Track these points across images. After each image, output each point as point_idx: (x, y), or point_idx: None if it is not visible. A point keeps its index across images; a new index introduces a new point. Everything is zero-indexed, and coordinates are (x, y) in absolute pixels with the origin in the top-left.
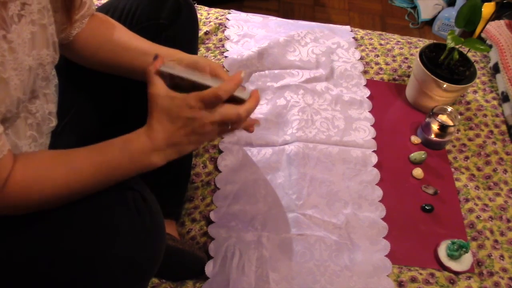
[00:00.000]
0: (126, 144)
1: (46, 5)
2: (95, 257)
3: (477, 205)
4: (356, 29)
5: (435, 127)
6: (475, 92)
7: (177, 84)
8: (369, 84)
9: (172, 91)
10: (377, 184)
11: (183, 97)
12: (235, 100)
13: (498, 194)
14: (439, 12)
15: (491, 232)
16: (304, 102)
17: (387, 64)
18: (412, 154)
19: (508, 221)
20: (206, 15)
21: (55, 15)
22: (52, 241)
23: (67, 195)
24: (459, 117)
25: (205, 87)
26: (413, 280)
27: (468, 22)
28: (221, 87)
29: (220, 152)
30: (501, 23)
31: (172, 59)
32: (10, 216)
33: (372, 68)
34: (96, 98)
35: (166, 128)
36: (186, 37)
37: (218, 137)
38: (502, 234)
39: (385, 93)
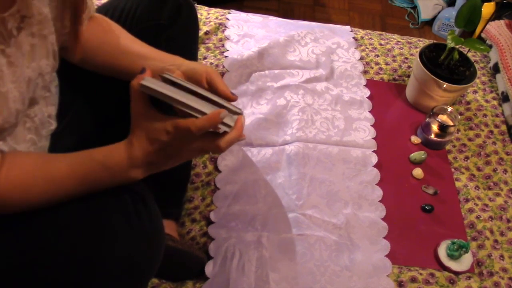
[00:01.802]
0: (106, 159)
1: (46, 15)
2: (94, 259)
3: (477, 205)
4: (356, 29)
5: (435, 127)
6: (475, 92)
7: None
8: (369, 84)
9: (152, 112)
10: (377, 184)
11: (162, 121)
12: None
13: (498, 194)
14: (439, 12)
15: (491, 232)
16: (304, 102)
17: (387, 64)
18: (412, 154)
19: (508, 221)
20: (206, 15)
21: (55, 23)
22: (51, 243)
23: (49, 202)
24: (459, 117)
25: (186, 113)
26: (413, 280)
27: (468, 22)
28: (195, 123)
29: None
30: (501, 23)
31: (170, 65)
32: (9, 219)
33: (372, 68)
34: (95, 99)
35: (145, 148)
36: (186, 37)
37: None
38: (502, 234)
39: (385, 93)
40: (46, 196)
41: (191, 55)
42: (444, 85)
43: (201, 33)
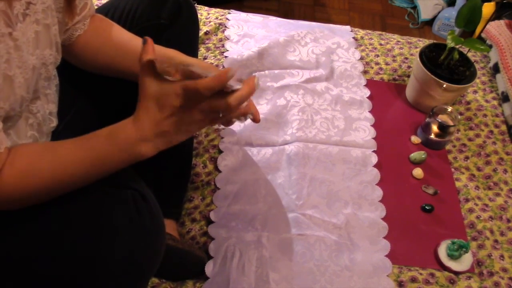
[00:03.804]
0: (112, 134)
1: (50, 5)
2: (95, 257)
3: (477, 205)
4: (356, 29)
5: (435, 127)
6: (475, 92)
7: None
8: (369, 84)
9: (161, 78)
10: (377, 184)
11: (171, 85)
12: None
13: (498, 194)
14: (439, 12)
15: (491, 232)
16: (304, 102)
17: (387, 64)
18: (412, 154)
19: (508, 221)
20: (206, 15)
21: (58, 15)
22: (51, 241)
23: (57, 187)
24: (459, 117)
25: (196, 75)
26: (413, 280)
27: (468, 22)
28: (202, 82)
29: (220, 152)
30: (501, 23)
31: (167, 67)
32: (9, 215)
33: (372, 68)
34: (96, 98)
35: (153, 117)
36: (186, 37)
37: (209, 126)
38: (502, 234)
39: (385, 93)
40: (53, 181)
41: (191, 54)
42: (444, 85)
43: (201, 33)
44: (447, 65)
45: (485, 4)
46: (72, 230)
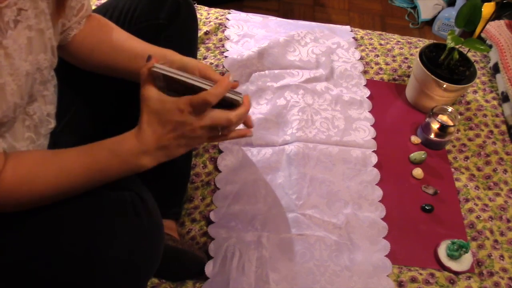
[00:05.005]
0: (115, 146)
1: (43, 9)
2: (93, 258)
3: (477, 205)
4: (356, 29)
5: (435, 127)
6: (475, 92)
7: (170, 86)
8: (369, 84)
9: (163, 95)
10: (377, 184)
11: (174, 101)
12: (227, 104)
13: (498, 194)
14: (439, 12)
15: (491, 232)
16: (304, 102)
17: (387, 64)
18: (412, 154)
19: (508, 221)
20: (206, 15)
21: (53, 19)
22: (50, 242)
23: (57, 194)
24: (459, 117)
25: (197, 89)
26: (413, 280)
27: (468, 22)
28: (210, 92)
29: (220, 152)
30: (501, 23)
31: (163, 61)
32: (7, 218)
33: (372, 68)
34: (94, 98)
35: (156, 131)
36: (185, 37)
37: (208, 142)
38: (502, 234)
39: (385, 93)
40: (54, 188)
41: (191, 54)
42: (444, 85)
43: (201, 33)
44: (447, 65)
45: (485, 4)
46: (70, 232)
